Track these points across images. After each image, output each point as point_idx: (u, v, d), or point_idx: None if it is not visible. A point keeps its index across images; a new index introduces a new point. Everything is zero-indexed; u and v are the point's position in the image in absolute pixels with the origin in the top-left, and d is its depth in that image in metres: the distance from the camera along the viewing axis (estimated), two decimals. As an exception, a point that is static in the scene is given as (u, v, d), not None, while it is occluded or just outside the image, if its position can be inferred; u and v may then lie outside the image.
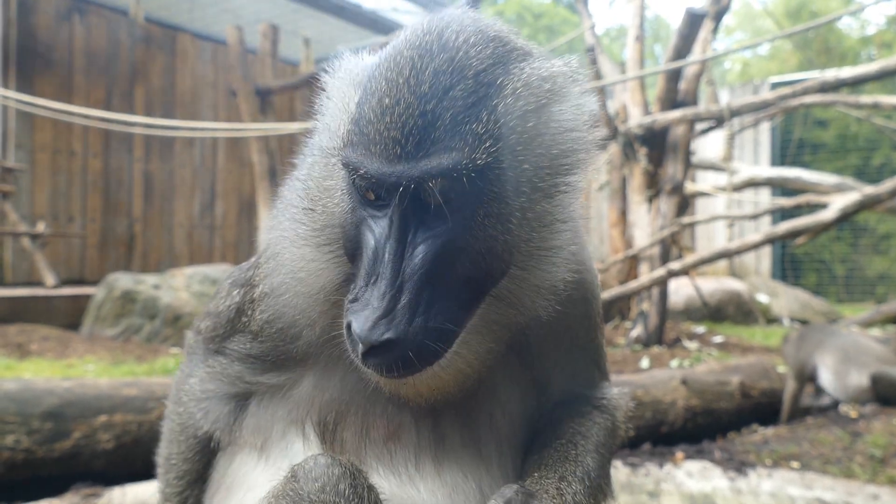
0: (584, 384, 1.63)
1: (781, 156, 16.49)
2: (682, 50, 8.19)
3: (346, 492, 1.25)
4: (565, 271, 1.30)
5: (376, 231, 1.21)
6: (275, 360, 1.51)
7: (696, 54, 8.21)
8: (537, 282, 1.29)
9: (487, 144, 1.19)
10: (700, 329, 9.47)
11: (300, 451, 1.48)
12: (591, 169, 1.32)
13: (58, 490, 3.61)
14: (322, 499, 1.25)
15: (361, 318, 1.15)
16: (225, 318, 1.59)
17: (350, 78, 1.32)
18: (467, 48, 1.22)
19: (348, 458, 1.33)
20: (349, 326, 1.18)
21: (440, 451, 1.44)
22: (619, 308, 9.86)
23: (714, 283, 11.89)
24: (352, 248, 1.26)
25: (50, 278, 9.28)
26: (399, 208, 1.19)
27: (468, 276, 1.22)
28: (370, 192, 1.21)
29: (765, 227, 11.06)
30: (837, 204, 6.29)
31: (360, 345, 1.15)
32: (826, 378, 5.63)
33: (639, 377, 5.20)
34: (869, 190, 6.46)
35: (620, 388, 1.69)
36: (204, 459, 1.67)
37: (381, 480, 1.40)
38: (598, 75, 8.53)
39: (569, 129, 1.27)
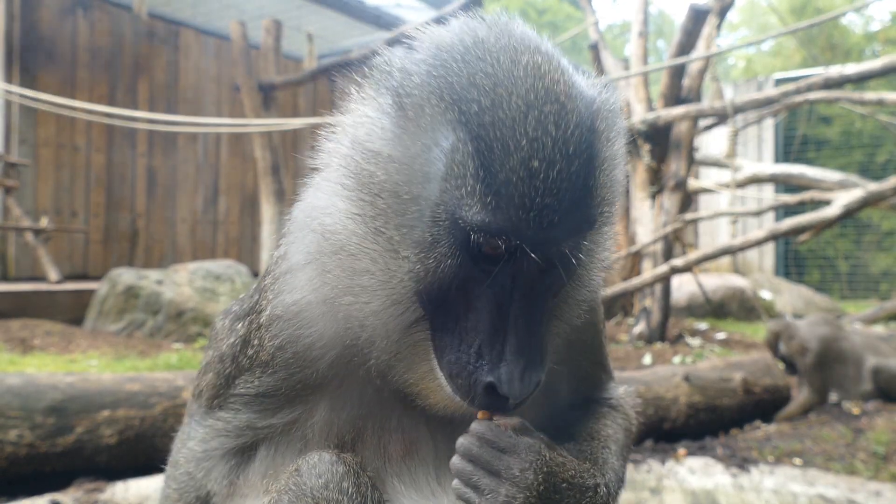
0: (593, 387, 1.64)
1: (785, 152, 16.47)
2: (686, 46, 8.17)
3: (350, 490, 1.25)
4: (599, 282, 1.36)
5: (494, 287, 1.16)
6: (288, 391, 1.41)
7: (700, 50, 8.19)
8: (582, 296, 1.33)
9: (607, 195, 1.21)
10: (703, 326, 9.47)
11: None
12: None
13: (61, 485, 3.62)
14: (325, 496, 1.24)
15: (505, 376, 1.14)
16: (229, 356, 1.49)
17: (429, 109, 1.15)
18: (572, 90, 1.17)
19: (352, 456, 1.32)
20: (489, 386, 1.15)
21: None
22: (622, 304, 9.86)
23: (717, 280, 11.87)
24: (440, 300, 1.19)
25: (53, 273, 9.30)
26: (530, 268, 1.16)
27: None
28: (494, 251, 1.14)
29: (768, 224, 11.04)
30: (841, 200, 6.28)
31: (509, 400, 1.16)
32: None
33: (641, 374, 5.19)
34: (873, 186, 6.44)
35: (626, 387, 1.69)
36: None
37: (405, 499, 1.37)
38: (601, 71, 8.52)
39: (622, 153, 1.29)
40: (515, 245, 1.12)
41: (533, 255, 1.13)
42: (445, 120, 1.14)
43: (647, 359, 6.70)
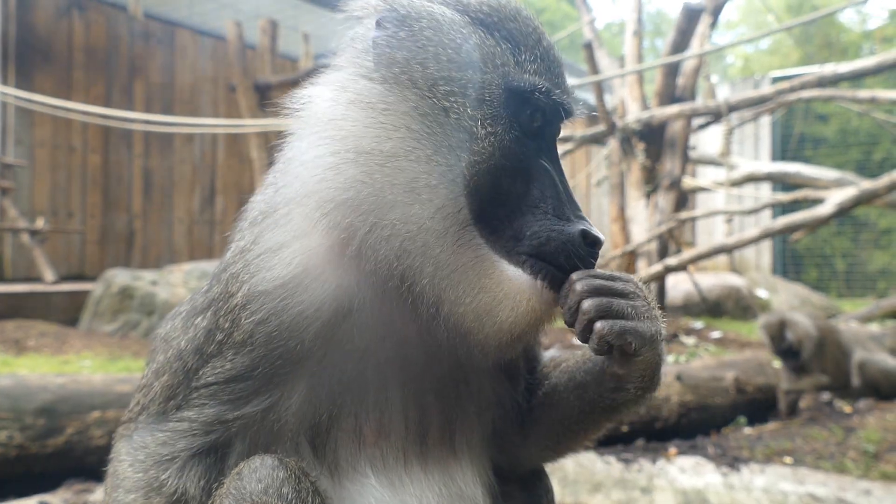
0: (534, 359, 1.66)
1: (782, 151, 16.47)
2: (680, 45, 8.18)
3: (290, 496, 1.23)
4: None
5: (543, 156, 1.34)
6: (266, 370, 1.34)
7: (695, 49, 8.19)
8: None
9: None
10: (698, 324, 9.46)
11: None
12: None
13: (51, 486, 3.62)
14: (264, 501, 1.23)
15: (587, 224, 1.29)
16: (191, 351, 1.41)
17: (444, 20, 1.33)
18: None
19: (296, 461, 1.30)
20: (584, 234, 1.27)
21: (424, 448, 1.43)
22: (618, 303, 9.84)
23: (713, 279, 11.88)
24: (496, 185, 1.28)
25: (49, 274, 9.29)
26: (556, 136, 1.39)
27: None
28: (537, 124, 1.33)
29: (763, 223, 11.05)
30: (834, 199, 6.28)
31: (596, 246, 1.29)
32: None
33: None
34: (866, 185, 6.44)
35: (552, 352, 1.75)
36: None
37: (373, 489, 1.38)
38: (595, 70, 8.52)
39: None
40: (559, 102, 1.33)
41: (568, 110, 1.36)
42: (463, 23, 1.33)
43: (641, 358, 6.69)
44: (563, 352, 1.69)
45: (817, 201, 7.35)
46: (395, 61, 1.30)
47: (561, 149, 9.29)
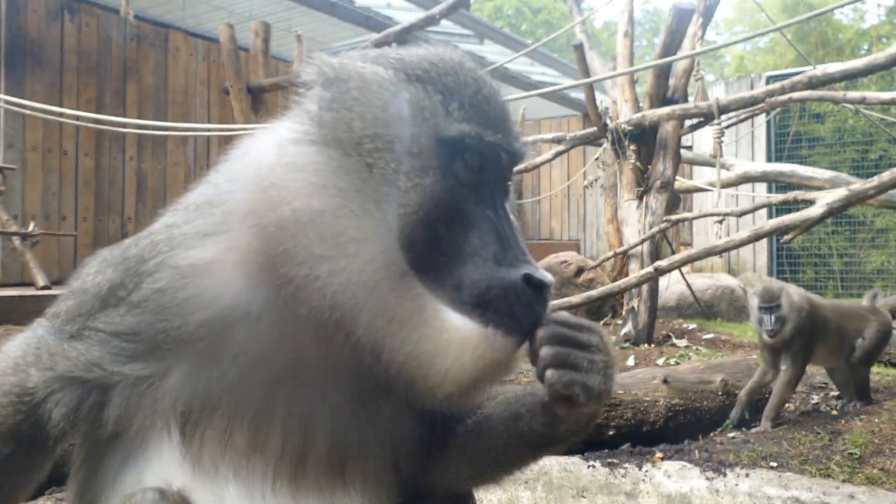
0: None
1: (778, 150, 16.45)
2: (671, 46, 8.15)
3: None
4: None
5: (482, 203, 1.33)
6: (148, 339, 1.38)
7: (686, 50, 8.17)
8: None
9: None
10: (691, 326, 9.44)
11: (158, 452, 1.41)
12: None
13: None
14: None
15: (531, 269, 1.27)
16: (93, 293, 1.47)
17: (387, 79, 1.35)
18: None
19: (179, 491, 1.30)
20: (527, 278, 1.26)
21: (300, 473, 1.42)
22: (612, 305, 9.84)
23: (707, 280, 11.85)
24: (430, 235, 1.27)
25: (40, 279, 9.27)
26: (501, 181, 1.39)
27: None
28: (473, 171, 1.32)
29: (759, 223, 11.02)
30: (824, 200, 6.26)
31: (543, 290, 1.27)
32: None
33: (620, 376, 5.18)
34: (856, 186, 6.42)
35: None
36: (29, 443, 1.46)
37: (232, 499, 1.38)
38: (587, 72, 8.50)
39: None
40: (496, 146, 1.33)
41: (509, 154, 1.37)
42: (395, 81, 1.34)
43: (631, 360, 6.68)
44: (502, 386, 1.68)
45: (810, 202, 7.33)
46: (324, 123, 1.34)
47: (553, 150, 9.19)
